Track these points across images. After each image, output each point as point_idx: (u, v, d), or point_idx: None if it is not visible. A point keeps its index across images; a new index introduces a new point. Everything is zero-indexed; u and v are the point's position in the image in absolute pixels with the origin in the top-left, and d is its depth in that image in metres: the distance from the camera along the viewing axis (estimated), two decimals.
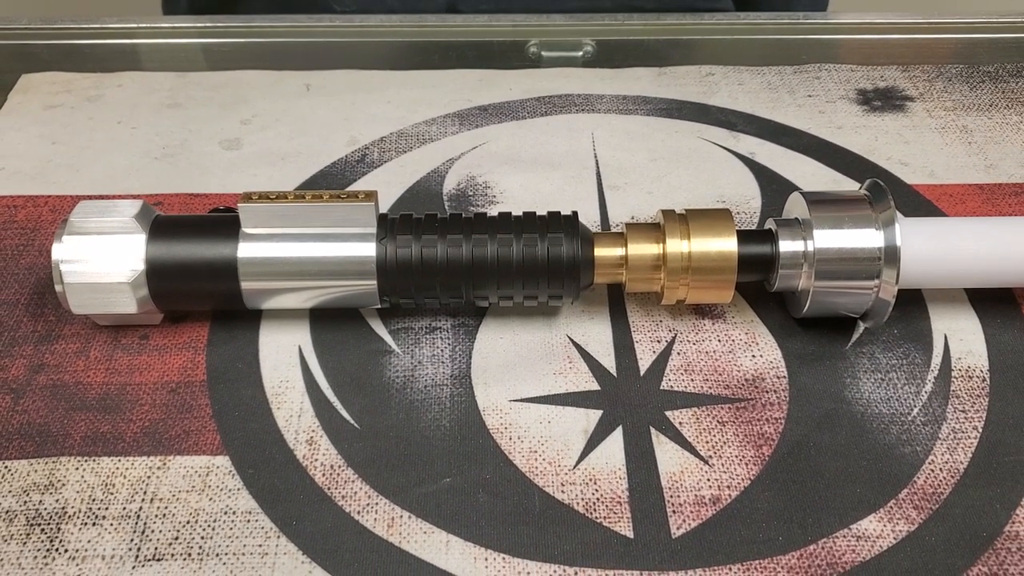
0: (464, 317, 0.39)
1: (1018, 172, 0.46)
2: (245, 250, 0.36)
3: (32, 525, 0.32)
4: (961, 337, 0.38)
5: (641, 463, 0.34)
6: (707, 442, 0.35)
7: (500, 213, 0.37)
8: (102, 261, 0.36)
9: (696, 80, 0.52)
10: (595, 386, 0.36)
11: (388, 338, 0.38)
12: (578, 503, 0.33)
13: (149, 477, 0.33)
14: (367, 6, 0.63)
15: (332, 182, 0.46)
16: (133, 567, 0.31)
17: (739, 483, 0.33)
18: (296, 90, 0.52)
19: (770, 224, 0.38)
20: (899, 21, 0.57)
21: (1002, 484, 0.33)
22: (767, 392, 0.36)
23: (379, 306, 0.38)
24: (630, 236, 0.37)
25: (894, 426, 0.35)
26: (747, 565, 0.31)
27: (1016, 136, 0.48)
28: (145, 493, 0.33)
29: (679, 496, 0.33)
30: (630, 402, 0.36)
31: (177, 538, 0.32)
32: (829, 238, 0.36)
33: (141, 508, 0.33)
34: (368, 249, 0.36)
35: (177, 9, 0.68)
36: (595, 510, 0.33)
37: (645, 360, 0.37)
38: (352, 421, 0.35)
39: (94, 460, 0.34)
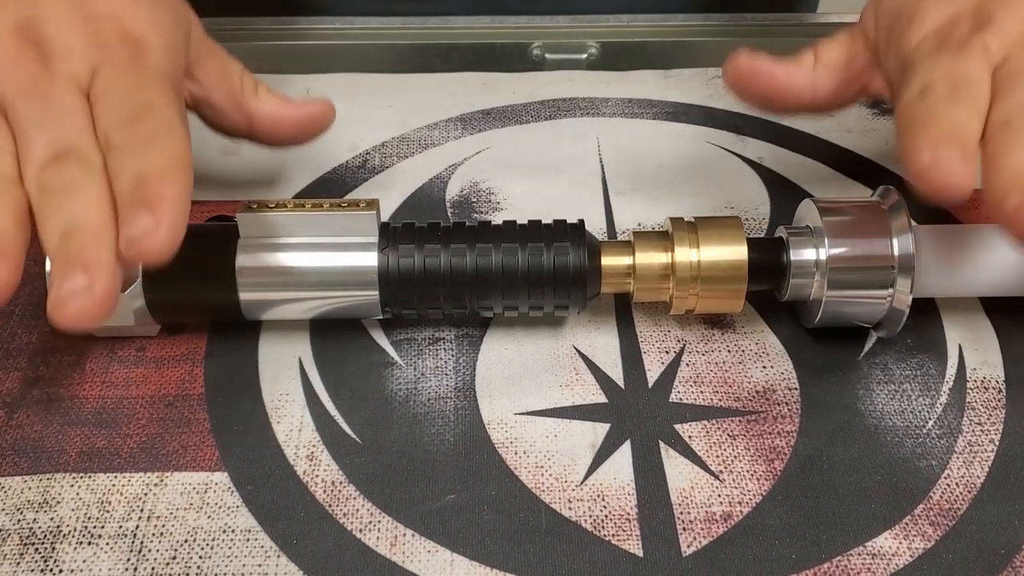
0: (468, 327, 0.38)
1: None
2: (244, 260, 0.35)
3: (26, 544, 0.31)
4: (976, 347, 0.37)
5: (650, 478, 0.33)
6: (717, 456, 0.34)
7: (504, 221, 0.37)
8: None
9: (702, 83, 0.51)
10: (602, 398, 0.36)
11: (390, 349, 0.37)
12: (586, 520, 0.32)
13: (146, 494, 0.33)
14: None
15: (333, 188, 0.45)
16: None
17: (751, 499, 0.33)
18: (296, 93, 0.50)
19: (781, 232, 0.37)
20: None
21: (1020, 499, 0.33)
22: (778, 404, 0.35)
23: (381, 317, 0.37)
24: (638, 245, 0.36)
25: (909, 439, 0.34)
26: None
27: None
28: (142, 511, 0.32)
29: (689, 513, 0.32)
30: (638, 415, 0.35)
31: (175, 557, 0.31)
32: (842, 246, 0.35)
33: (138, 526, 0.32)
34: (369, 259, 0.35)
35: None
36: (603, 527, 0.32)
37: (653, 371, 0.37)
38: (354, 435, 0.35)
39: (90, 477, 0.33)
